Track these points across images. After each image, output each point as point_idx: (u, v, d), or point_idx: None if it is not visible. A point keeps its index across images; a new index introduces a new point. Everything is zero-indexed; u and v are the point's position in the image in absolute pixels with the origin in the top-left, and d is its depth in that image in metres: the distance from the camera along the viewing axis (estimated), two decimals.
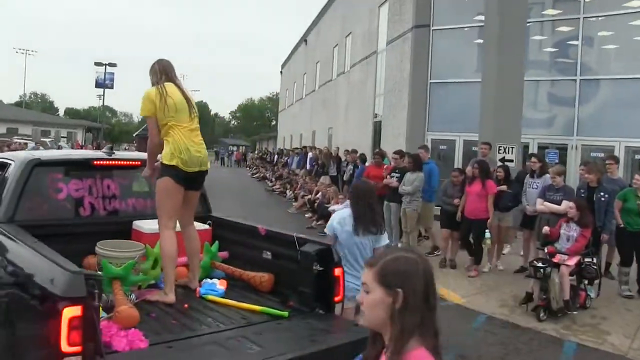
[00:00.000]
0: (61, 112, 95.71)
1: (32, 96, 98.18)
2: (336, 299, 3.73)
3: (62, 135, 46.23)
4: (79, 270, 2.81)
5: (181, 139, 4.05)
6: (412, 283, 1.61)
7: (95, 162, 4.69)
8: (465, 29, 15.64)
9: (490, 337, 6.07)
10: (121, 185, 4.74)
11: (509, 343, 5.88)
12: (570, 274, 6.61)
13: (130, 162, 4.88)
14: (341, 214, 4.51)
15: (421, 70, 15.89)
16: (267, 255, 4.31)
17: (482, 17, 13.78)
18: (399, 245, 9.73)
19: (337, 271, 3.76)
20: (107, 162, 4.74)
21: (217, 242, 4.64)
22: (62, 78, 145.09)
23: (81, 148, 30.88)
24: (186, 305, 3.80)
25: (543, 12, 14.45)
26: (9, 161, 4.53)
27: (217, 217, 5.07)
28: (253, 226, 4.56)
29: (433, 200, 9.86)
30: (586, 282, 6.86)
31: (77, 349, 2.61)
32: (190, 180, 4.14)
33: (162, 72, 4.21)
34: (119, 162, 4.80)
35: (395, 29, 17.90)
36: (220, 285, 4.11)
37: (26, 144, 23.79)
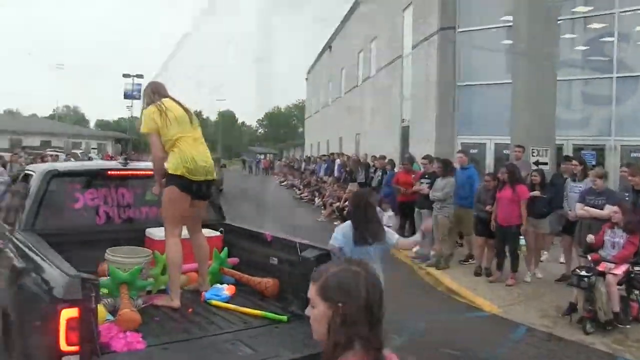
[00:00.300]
0: (92, 124, 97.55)
1: (65, 109, 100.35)
2: None
3: (92, 147, 47.09)
4: (76, 274, 2.94)
5: (187, 148, 4.18)
6: (351, 297, 1.61)
7: (109, 173, 4.93)
8: (492, 29, 15.33)
9: (532, 350, 5.74)
10: (135, 194, 4.96)
11: (554, 357, 5.56)
12: (619, 284, 6.18)
13: (143, 172, 5.05)
14: (344, 226, 4.63)
15: (448, 73, 15.66)
16: (274, 261, 4.43)
17: (509, 17, 13.45)
18: (432, 253, 9.50)
19: None
20: (121, 173, 4.97)
21: (226, 248, 4.79)
22: (93, 91, 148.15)
23: (111, 159, 31.28)
24: (190, 310, 3.94)
25: (574, 10, 14.00)
26: (31, 172, 4.91)
27: (229, 224, 5.24)
28: (261, 233, 4.73)
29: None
30: (637, 292, 6.40)
31: (75, 348, 2.77)
32: (197, 189, 4.25)
33: (155, 92, 4.39)
34: (133, 173, 5.04)
35: (420, 32, 17.67)
36: (226, 290, 4.23)
37: (57, 156, 24.20)
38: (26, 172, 5.18)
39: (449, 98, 15.61)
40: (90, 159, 27.76)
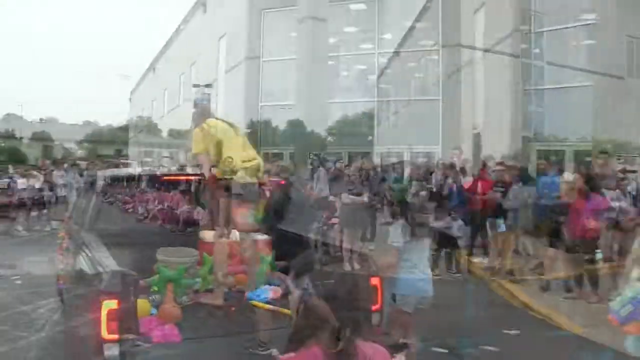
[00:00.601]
0: (165, 134, 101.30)
1: (138, 119, 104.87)
2: (373, 308, 3.86)
3: (164, 155, 48.76)
4: (117, 270, 3.26)
5: (233, 154, 4.40)
6: (317, 288, 1.66)
7: (164, 178, 5.31)
8: (571, 29, 14.64)
9: None
10: (188, 198, 5.29)
11: None
12: None
13: (196, 177, 5.22)
14: (401, 227, 4.82)
15: (523, 76, 15.10)
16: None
17: (590, 15, 12.76)
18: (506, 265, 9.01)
19: (374, 280, 3.90)
20: (175, 178, 5.31)
21: (273, 251, 4.86)
22: (166, 101, 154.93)
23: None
24: (233, 308, 4.10)
25: None
26: (97, 179, 5.33)
27: (279, 228, 5.34)
28: (307, 237, 4.97)
29: None
30: None
31: (115, 336, 3.07)
32: (244, 191, 4.39)
33: (200, 114, 4.81)
34: (186, 178, 5.32)
35: (493, 35, 17.16)
36: (270, 292, 4.30)
37: (129, 163, 25.15)
38: (95, 178, 5.66)
39: (524, 103, 15.07)
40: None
